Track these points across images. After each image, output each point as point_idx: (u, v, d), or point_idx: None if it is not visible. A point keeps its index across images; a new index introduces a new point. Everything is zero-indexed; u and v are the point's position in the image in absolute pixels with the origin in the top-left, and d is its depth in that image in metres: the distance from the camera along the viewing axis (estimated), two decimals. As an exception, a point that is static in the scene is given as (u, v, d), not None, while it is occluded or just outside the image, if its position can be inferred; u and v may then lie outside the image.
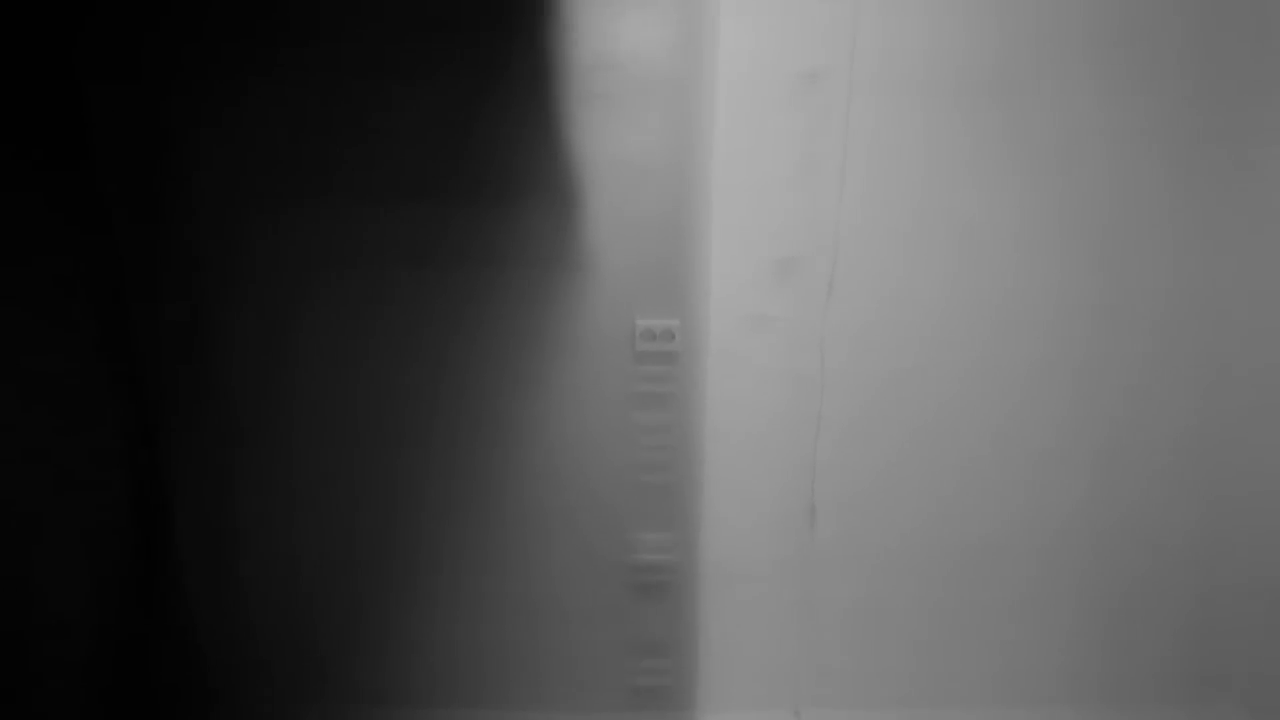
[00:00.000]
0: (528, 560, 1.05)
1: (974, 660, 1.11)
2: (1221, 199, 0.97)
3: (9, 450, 0.83)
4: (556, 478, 1.02)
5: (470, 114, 0.91)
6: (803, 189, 0.95)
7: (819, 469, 1.04)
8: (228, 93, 0.90)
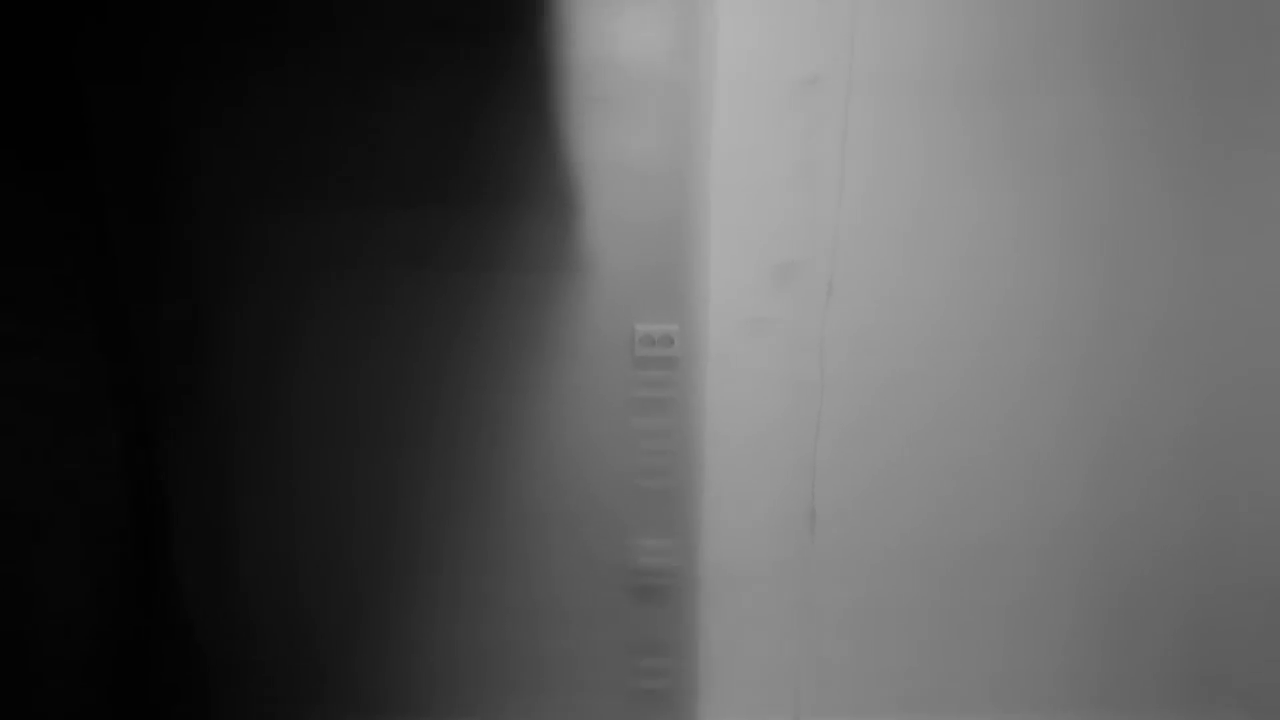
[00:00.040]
0: (528, 564, 1.05)
1: (975, 663, 1.11)
2: (1222, 199, 0.97)
3: (8, 452, 0.84)
4: (556, 482, 1.02)
5: (470, 117, 0.91)
6: (802, 192, 0.95)
7: (819, 472, 1.04)
8: (227, 94, 0.90)
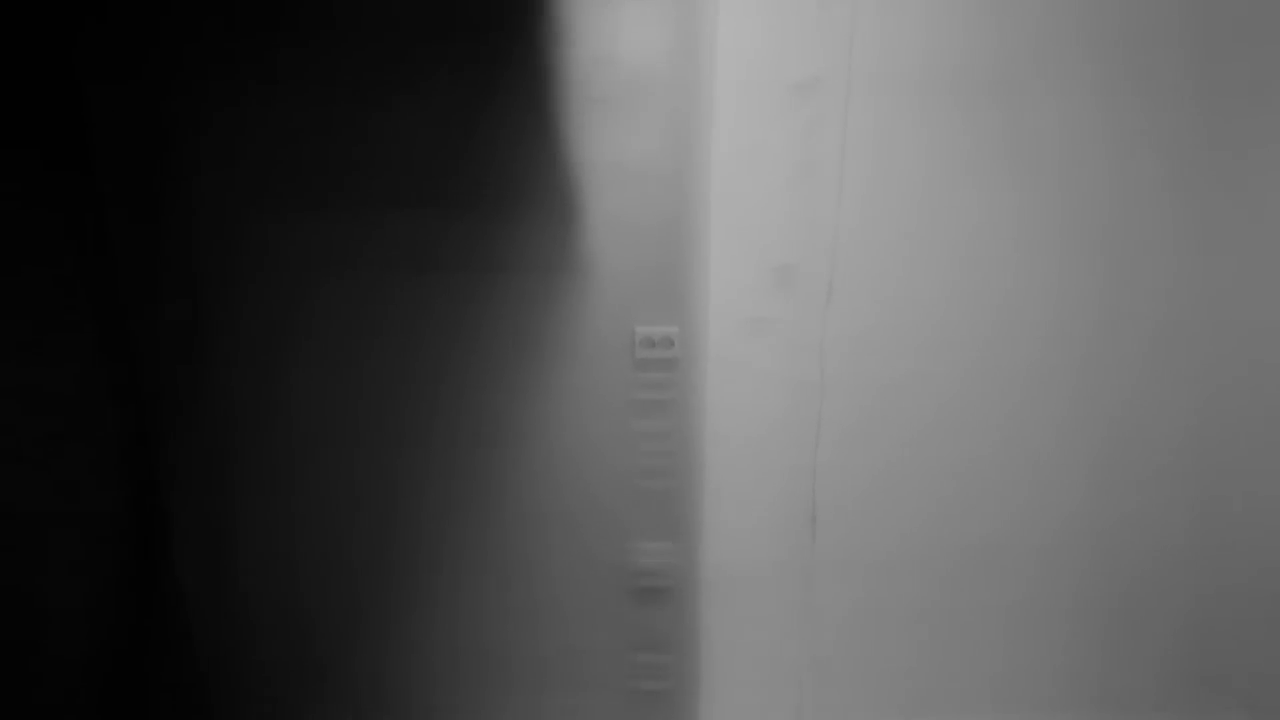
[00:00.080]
0: (528, 564, 1.05)
1: (976, 664, 1.11)
2: (1222, 200, 0.97)
3: (7, 453, 0.84)
4: (556, 483, 1.02)
5: (470, 118, 0.91)
6: (802, 193, 0.95)
7: (819, 473, 1.04)
8: (228, 96, 0.90)
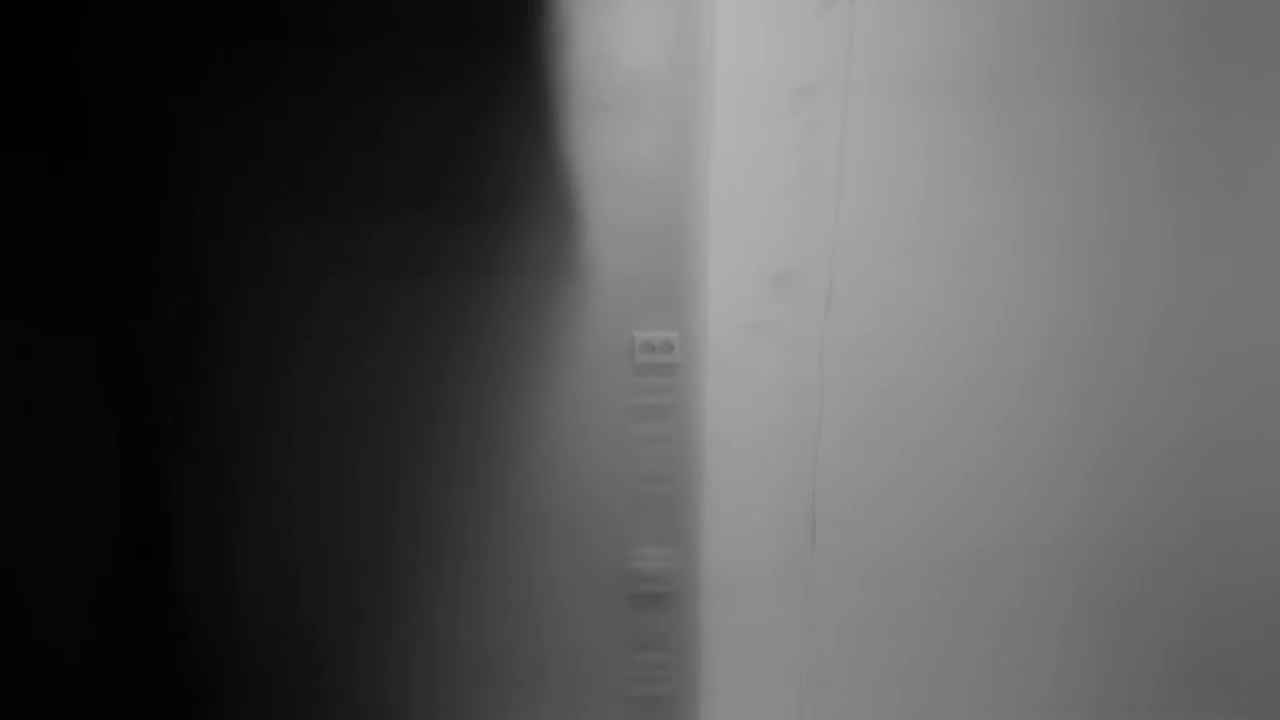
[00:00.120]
0: (528, 569, 1.05)
1: (978, 669, 1.11)
2: (1222, 200, 0.97)
3: (5, 459, 0.83)
4: (556, 488, 1.02)
5: (470, 123, 0.91)
6: (801, 197, 0.95)
7: (819, 478, 1.04)
8: (228, 99, 0.90)
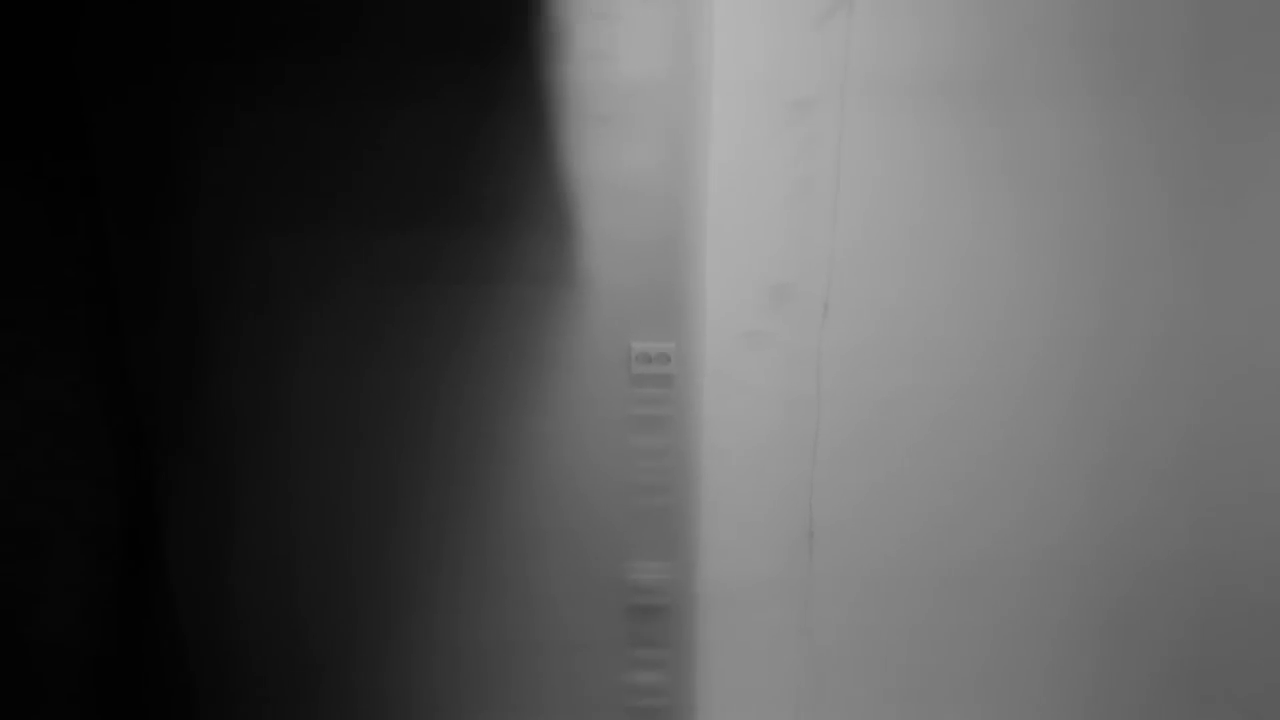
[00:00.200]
0: (525, 580, 1.05)
1: (977, 679, 1.11)
2: (1221, 204, 0.97)
3: (4, 463, 0.84)
4: (552, 498, 1.02)
5: (468, 134, 0.91)
6: (798, 209, 0.95)
7: (816, 488, 1.03)
8: (228, 110, 0.91)
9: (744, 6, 0.90)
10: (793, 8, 0.90)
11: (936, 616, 1.08)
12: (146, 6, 0.88)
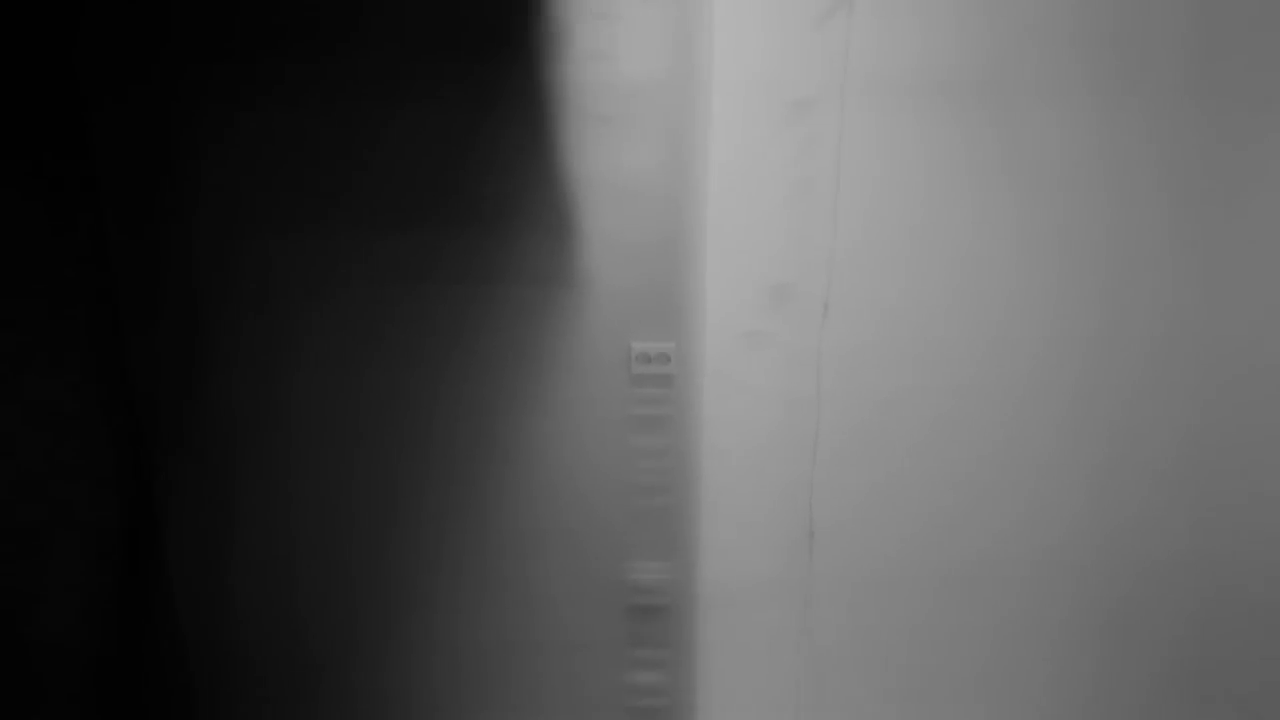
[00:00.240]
0: (524, 580, 1.04)
1: (977, 680, 1.11)
2: (1221, 204, 0.97)
3: (4, 464, 0.84)
4: (552, 499, 1.02)
5: (468, 134, 0.91)
6: (798, 209, 0.95)
7: (816, 488, 1.03)
8: (228, 110, 0.91)
9: (744, 7, 0.90)
10: (792, 8, 0.90)
11: (936, 616, 1.08)
12: (146, 6, 0.88)
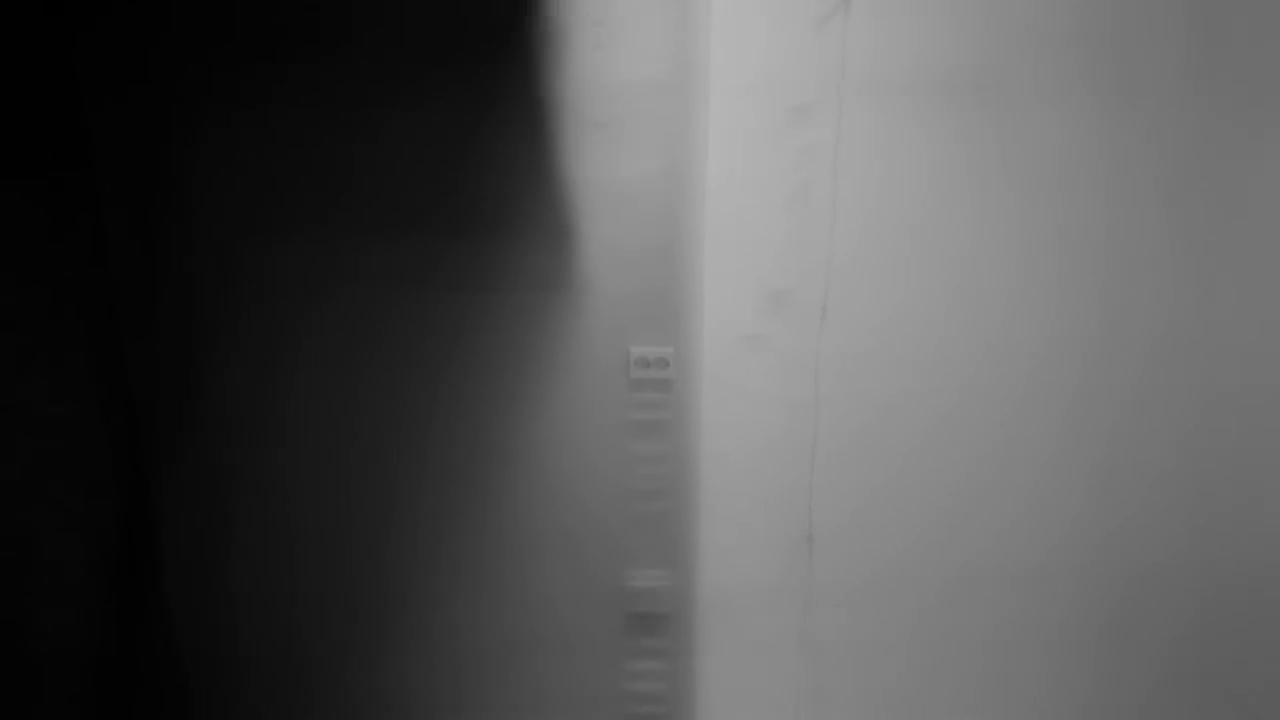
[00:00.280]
0: (523, 585, 1.04)
1: (977, 685, 1.11)
2: (1220, 205, 0.97)
3: (2, 467, 0.84)
4: (551, 504, 1.02)
5: (467, 139, 0.91)
6: (796, 214, 0.95)
7: (815, 493, 1.03)
8: (227, 116, 0.91)
9: (742, 11, 0.90)
10: (790, 12, 0.90)
11: (936, 620, 1.08)
12: (146, 7, 0.88)
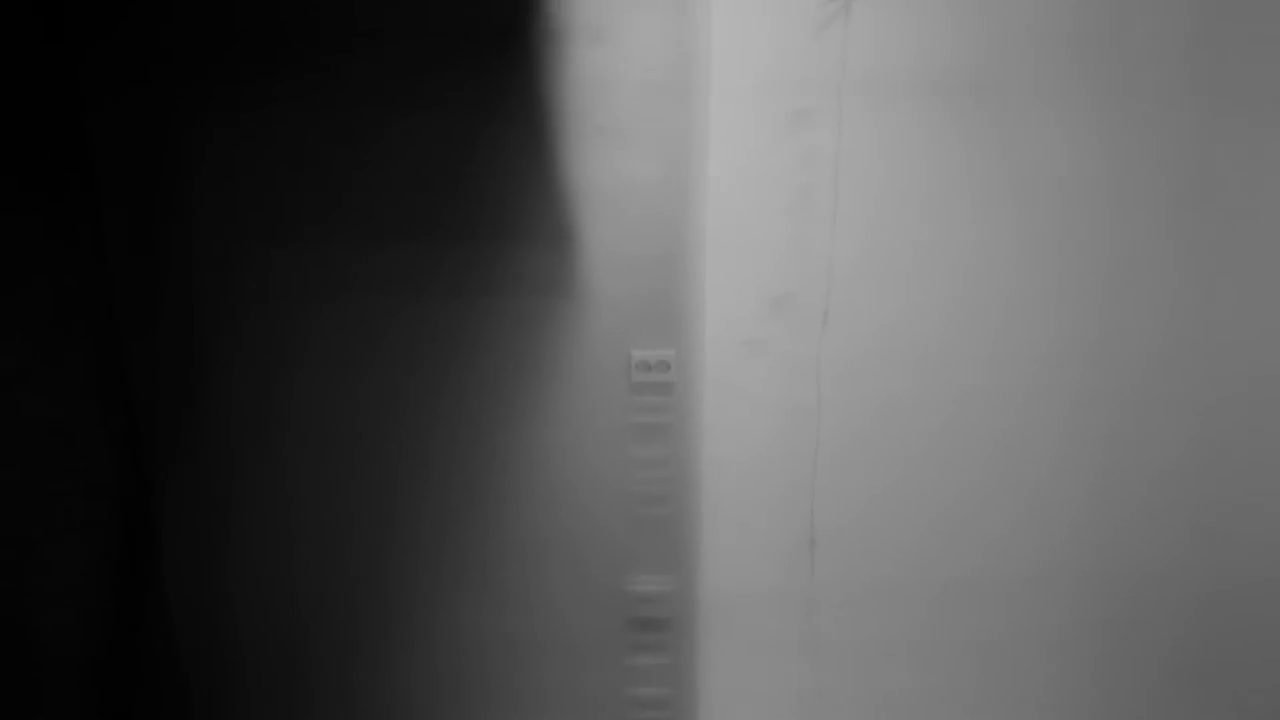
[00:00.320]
0: (525, 589, 1.04)
1: (979, 689, 1.11)
2: (1221, 209, 0.97)
3: (3, 469, 0.83)
4: (553, 508, 1.02)
5: (468, 144, 0.91)
6: (798, 217, 0.95)
7: (817, 496, 1.03)
8: (228, 121, 0.90)
9: (742, 14, 0.89)
10: (791, 16, 0.90)
11: (938, 623, 1.08)
12: (147, 8, 0.88)
